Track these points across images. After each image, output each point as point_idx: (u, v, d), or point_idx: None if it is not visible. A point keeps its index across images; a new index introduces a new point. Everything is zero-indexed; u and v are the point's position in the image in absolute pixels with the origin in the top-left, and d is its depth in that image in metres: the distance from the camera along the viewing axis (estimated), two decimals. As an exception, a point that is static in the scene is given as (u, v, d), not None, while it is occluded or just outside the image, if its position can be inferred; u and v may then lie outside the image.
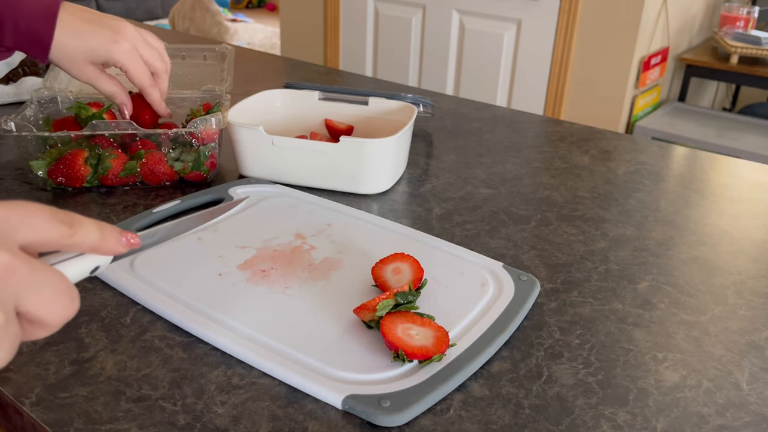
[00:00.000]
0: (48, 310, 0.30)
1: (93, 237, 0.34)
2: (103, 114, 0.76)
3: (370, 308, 0.51)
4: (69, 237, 0.32)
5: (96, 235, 0.34)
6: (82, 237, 0.33)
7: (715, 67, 2.50)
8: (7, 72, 0.99)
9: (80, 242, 0.33)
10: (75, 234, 0.32)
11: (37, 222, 0.31)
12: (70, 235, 0.32)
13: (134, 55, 0.72)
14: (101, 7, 4.95)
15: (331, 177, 0.77)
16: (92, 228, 0.34)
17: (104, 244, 0.35)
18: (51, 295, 0.30)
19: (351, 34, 2.82)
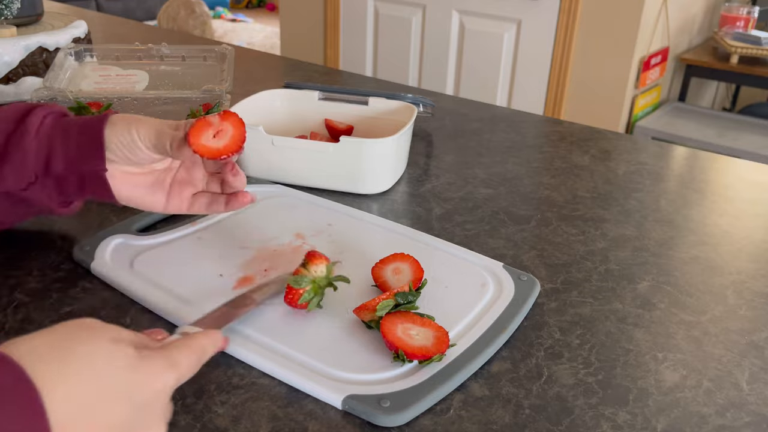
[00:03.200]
0: None
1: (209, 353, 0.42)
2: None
3: (370, 308, 0.51)
4: (200, 364, 0.41)
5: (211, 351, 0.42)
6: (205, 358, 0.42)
7: (715, 67, 2.50)
8: (7, 72, 0.99)
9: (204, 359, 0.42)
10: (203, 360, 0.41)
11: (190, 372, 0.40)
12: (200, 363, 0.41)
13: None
14: (101, 7, 4.94)
15: (331, 177, 0.77)
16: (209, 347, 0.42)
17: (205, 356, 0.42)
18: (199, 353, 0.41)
19: (351, 34, 2.82)
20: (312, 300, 0.54)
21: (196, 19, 4.35)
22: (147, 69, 0.97)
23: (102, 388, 0.34)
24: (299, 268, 0.54)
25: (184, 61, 0.99)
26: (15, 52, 0.99)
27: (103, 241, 0.63)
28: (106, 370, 0.34)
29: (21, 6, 1.06)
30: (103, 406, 0.33)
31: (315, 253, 0.55)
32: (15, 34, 1.02)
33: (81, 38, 1.09)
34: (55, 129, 0.56)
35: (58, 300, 0.57)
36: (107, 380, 0.34)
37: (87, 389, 0.33)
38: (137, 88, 0.91)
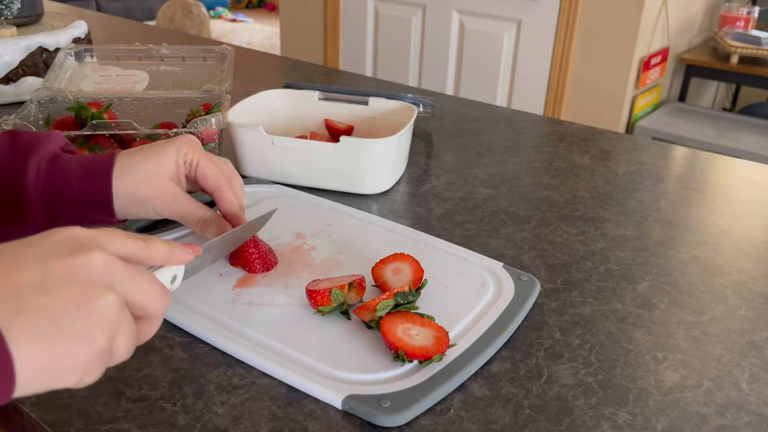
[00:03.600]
0: (147, 297, 0.37)
1: (163, 250, 0.40)
2: (103, 114, 0.76)
3: (370, 308, 0.51)
4: (144, 249, 0.38)
5: (165, 248, 0.40)
6: (154, 250, 0.39)
7: (715, 67, 2.50)
8: (7, 72, 0.99)
9: (154, 253, 0.39)
10: (148, 247, 0.39)
11: (119, 238, 0.37)
12: (145, 247, 0.38)
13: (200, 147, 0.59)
14: (101, 7, 4.94)
15: (331, 177, 0.77)
16: (162, 243, 0.40)
17: (173, 255, 0.41)
18: (147, 285, 0.37)
19: (351, 34, 2.82)
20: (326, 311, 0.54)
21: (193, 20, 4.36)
22: (147, 69, 0.97)
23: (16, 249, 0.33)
24: (344, 285, 0.54)
25: (184, 62, 0.99)
26: (15, 52, 0.99)
27: (103, 241, 0.63)
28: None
29: (21, 6, 1.06)
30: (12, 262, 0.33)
31: (362, 284, 0.55)
32: (15, 34, 1.02)
33: (81, 38, 1.09)
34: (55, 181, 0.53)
35: (58, 300, 0.57)
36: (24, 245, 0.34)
37: None
38: (137, 88, 0.91)
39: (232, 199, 0.59)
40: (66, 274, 0.33)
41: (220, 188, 0.58)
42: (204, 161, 0.57)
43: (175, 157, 0.56)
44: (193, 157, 0.57)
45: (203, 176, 0.57)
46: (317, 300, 0.53)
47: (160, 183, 0.55)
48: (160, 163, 0.55)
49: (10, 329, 0.30)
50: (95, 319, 0.33)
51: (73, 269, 0.33)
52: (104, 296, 0.34)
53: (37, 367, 0.31)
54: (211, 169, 0.58)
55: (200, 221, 0.58)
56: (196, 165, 0.57)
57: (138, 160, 0.55)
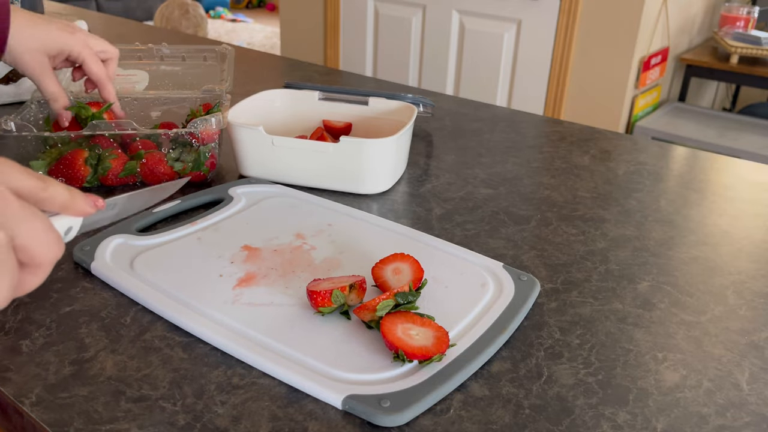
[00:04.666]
0: (38, 243, 0.33)
1: (63, 195, 0.37)
2: (103, 114, 0.76)
3: (370, 308, 0.51)
4: (43, 190, 0.35)
5: (66, 194, 0.37)
6: (54, 192, 0.36)
7: (715, 67, 2.50)
8: (7, 72, 0.99)
9: (52, 196, 0.36)
10: (47, 188, 0.36)
11: (16, 172, 0.34)
12: (43, 188, 0.35)
13: (88, 46, 0.73)
14: (101, 7, 4.95)
15: (331, 177, 0.77)
16: (62, 188, 0.37)
17: (73, 203, 0.38)
18: (40, 229, 0.33)
19: (351, 34, 2.82)
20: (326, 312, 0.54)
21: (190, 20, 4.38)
22: (147, 69, 0.97)
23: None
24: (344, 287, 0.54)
25: (184, 61, 0.99)
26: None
27: (103, 241, 0.63)
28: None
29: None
30: None
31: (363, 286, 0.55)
32: (15, 34, 1.01)
33: (81, 38, 1.09)
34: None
35: (58, 300, 0.57)
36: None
37: None
38: (137, 88, 0.91)
39: (112, 90, 0.76)
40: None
41: (100, 81, 0.75)
42: (89, 60, 0.73)
43: (62, 47, 0.71)
44: (79, 55, 0.72)
45: (88, 70, 0.74)
46: (318, 301, 0.53)
47: (37, 54, 0.70)
48: (47, 38, 0.70)
49: None
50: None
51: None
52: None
53: None
54: (94, 66, 0.74)
55: (52, 94, 0.73)
56: (83, 61, 0.72)
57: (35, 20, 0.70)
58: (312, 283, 0.55)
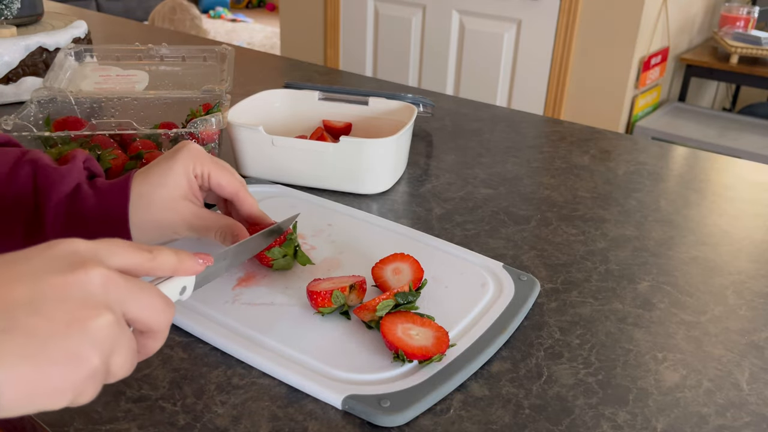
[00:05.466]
0: (149, 312, 0.35)
1: (171, 261, 0.39)
2: None
3: (370, 308, 0.51)
4: (150, 260, 0.37)
5: (173, 259, 0.39)
6: (161, 261, 0.38)
7: (715, 67, 2.50)
8: (7, 72, 0.99)
9: (161, 265, 0.38)
10: (155, 258, 0.37)
11: (122, 250, 0.36)
12: (151, 258, 0.37)
13: (207, 155, 0.57)
14: (101, 7, 4.94)
15: (331, 177, 0.77)
16: (169, 253, 0.39)
17: (182, 266, 0.39)
18: (148, 300, 0.35)
19: (351, 34, 2.82)
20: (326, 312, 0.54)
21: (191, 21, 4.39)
22: (147, 69, 0.97)
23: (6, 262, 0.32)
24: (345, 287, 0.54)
25: (184, 62, 0.99)
26: (15, 52, 0.99)
27: (103, 241, 0.63)
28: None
29: (21, 6, 1.06)
30: None
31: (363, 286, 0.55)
32: (15, 34, 1.02)
33: (81, 38, 1.09)
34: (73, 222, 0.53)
35: (58, 300, 0.57)
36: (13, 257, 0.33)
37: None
38: (137, 88, 0.91)
39: (253, 201, 0.58)
40: (59, 292, 0.32)
41: (237, 193, 0.57)
42: (215, 171, 0.56)
43: (185, 175, 0.55)
44: (203, 170, 0.56)
45: (218, 186, 0.56)
46: (318, 301, 0.53)
47: (176, 207, 0.54)
48: (172, 187, 0.54)
49: (2, 351, 0.29)
50: (87, 339, 0.31)
51: (67, 287, 0.32)
52: (99, 316, 0.32)
53: (23, 390, 0.30)
54: (225, 177, 0.56)
55: (218, 232, 0.56)
56: (209, 176, 0.56)
57: (150, 189, 0.54)
58: (312, 283, 0.55)
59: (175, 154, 0.55)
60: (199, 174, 0.55)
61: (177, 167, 0.54)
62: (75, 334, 0.31)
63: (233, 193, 0.57)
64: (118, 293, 0.34)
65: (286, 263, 0.59)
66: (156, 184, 0.54)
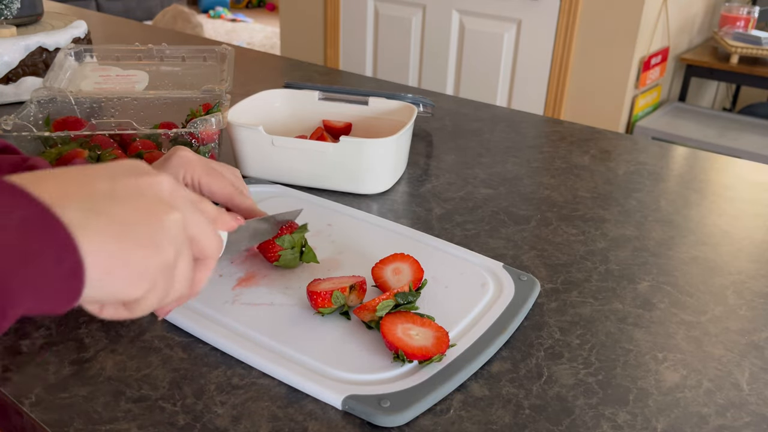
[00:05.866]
0: (205, 234, 0.38)
1: (212, 210, 0.44)
2: None
3: (370, 308, 0.51)
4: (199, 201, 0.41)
5: (214, 209, 0.44)
6: (206, 206, 0.42)
7: (715, 67, 2.50)
8: (7, 72, 0.99)
9: (205, 209, 0.42)
10: (201, 200, 0.41)
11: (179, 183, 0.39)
12: (199, 200, 0.41)
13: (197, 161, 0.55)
14: (101, 7, 4.94)
15: (331, 177, 0.77)
16: (212, 204, 0.44)
17: (221, 217, 0.44)
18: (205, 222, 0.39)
19: (351, 34, 2.82)
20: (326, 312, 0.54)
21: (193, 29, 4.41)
22: (147, 69, 0.97)
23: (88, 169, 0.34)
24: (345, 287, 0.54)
25: (184, 62, 0.99)
26: (15, 52, 0.99)
27: (103, 241, 0.63)
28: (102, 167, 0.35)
29: (21, 6, 1.06)
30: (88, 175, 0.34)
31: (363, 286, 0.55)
32: (15, 34, 1.02)
33: (81, 38, 1.09)
34: None
35: (58, 300, 0.57)
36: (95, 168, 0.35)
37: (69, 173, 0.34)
38: (137, 88, 0.91)
39: (249, 203, 0.57)
40: (134, 189, 0.34)
41: (231, 200, 0.56)
42: (206, 178, 0.55)
43: None
44: (193, 177, 0.54)
45: (210, 193, 0.55)
46: (318, 302, 0.53)
47: None
48: None
49: (85, 226, 0.31)
50: (164, 231, 0.34)
51: (140, 186, 0.35)
52: (171, 212, 0.35)
53: (105, 266, 0.31)
54: (217, 184, 0.55)
55: None
56: (199, 183, 0.55)
57: None
58: (312, 283, 0.55)
59: (165, 162, 0.54)
60: (189, 182, 0.54)
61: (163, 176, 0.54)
62: (154, 224, 0.34)
63: (227, 200, 0.56)
64: (183, 202, 0.37)
65: (292, 259, 0.59)
66: None
